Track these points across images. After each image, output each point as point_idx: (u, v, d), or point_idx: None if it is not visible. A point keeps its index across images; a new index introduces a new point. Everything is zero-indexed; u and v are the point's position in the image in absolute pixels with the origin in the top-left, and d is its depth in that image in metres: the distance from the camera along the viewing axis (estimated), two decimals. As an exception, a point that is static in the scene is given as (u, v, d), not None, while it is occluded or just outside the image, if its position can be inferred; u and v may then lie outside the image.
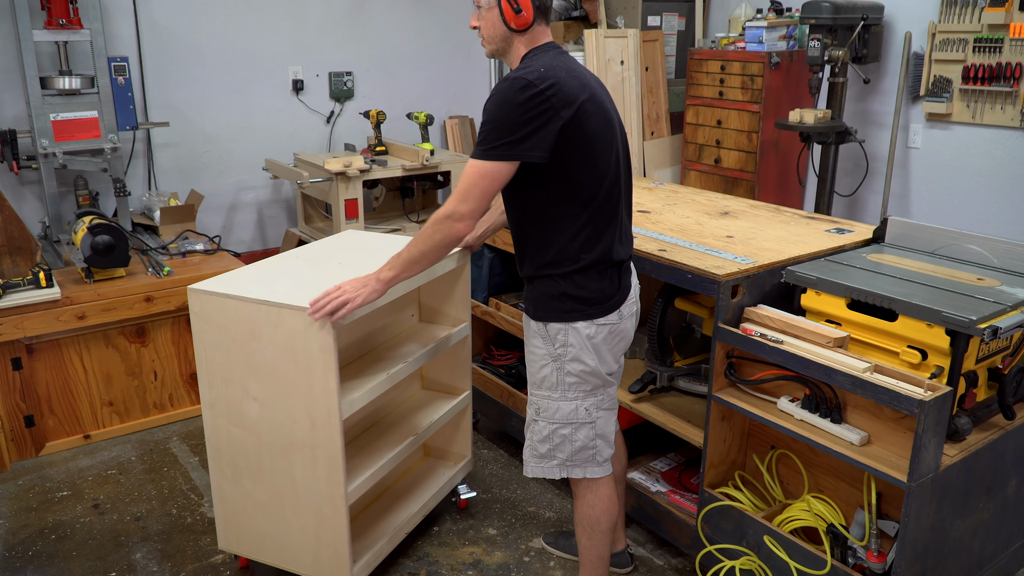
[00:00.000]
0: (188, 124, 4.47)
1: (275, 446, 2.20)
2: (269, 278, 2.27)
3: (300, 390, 2.11)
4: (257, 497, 2.29)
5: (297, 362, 2.09)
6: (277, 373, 2.12)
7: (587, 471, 2.13)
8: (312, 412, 2.12)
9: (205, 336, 2.20)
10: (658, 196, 3.16)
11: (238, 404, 2.21)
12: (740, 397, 2.28)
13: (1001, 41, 3.84)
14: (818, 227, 2.70)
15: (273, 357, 2.11)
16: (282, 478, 2.23)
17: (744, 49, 4.53)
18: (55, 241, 3.75)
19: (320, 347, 2.04)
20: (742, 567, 2.28)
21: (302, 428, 2.15)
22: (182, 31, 4.36)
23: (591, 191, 1.97)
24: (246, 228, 4.82)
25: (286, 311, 2.06)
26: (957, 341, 1.95)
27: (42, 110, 3.57)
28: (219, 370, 2.20)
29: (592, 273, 2.01)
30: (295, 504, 2.24)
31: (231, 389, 2.20)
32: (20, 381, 3.12)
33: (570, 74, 1.92)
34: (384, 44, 5.08)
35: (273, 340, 2.09)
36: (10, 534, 2.73)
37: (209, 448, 2.32)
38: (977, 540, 2.19)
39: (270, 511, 2.28)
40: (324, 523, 2.22)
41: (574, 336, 2.02)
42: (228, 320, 2.14)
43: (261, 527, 2.32)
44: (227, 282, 2.22)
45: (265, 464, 2.24)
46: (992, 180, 4.06)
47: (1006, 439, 2.13)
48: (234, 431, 2.24)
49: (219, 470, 2.32)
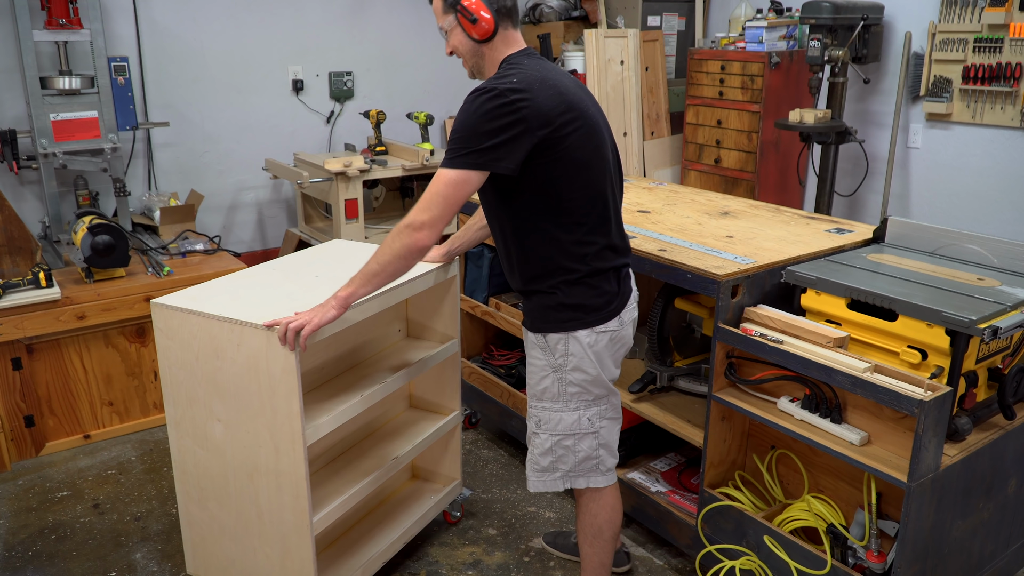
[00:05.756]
0: (188, 124, 4.47)
1: (240, 470, 2.10)
2: (237, 292, 2.17)
3: (264, 413, 2.00)
4: (224, 521, 2.20)
5: (260, 383, 1.97)
6: (241, 394, 2.02)
7: (591, 481, 2.11)
8: (276, 437, 2.01)
9: (169, 353, 2.10)
10: (658, 196, 3.16)
11: (203, 425, 2.12)
12: (740, 397, 2.28)
13: (1001, 41, 3.84)
14: (818, 227, 2.70)
15: (236, 377, 2.00)
16: (247, 503, 2.13)
17: (744, 49, 4.53)
18: (55, 241, 3.75)
19: (283, 368, 1.92)
20: (742, 567, 2.28)
21: (266, 453, 2.04)
22: (182, 31, 4.36)
23: (577, 203, 1.92)
24: (246, 228, 4.82)
25: (248, 329, 1.94)
26: (957, 341, 1.95)
27: (42, 110, 3.57)
28: (183, 388, 2.11)
29: (587, 283, 1.96)
30: (260, 531, 2.14)
31: (195, 409, 2.11)
32: (20, 381, 3.12)
33: (546, 84, 1.85)
34: (384, 44, 5.08)
35: (236, 359, 1.99)
36: (10, 534, 2.73)
37: (176, 469, 2.23)
38: (977, 540, 2.19)
39: (237, 536, 2.19)
40: (290, 553, 2.11)
41: (574, 345, 1.99)
42: (191, 337, 2.04)
43: (228, 552, 2.23)
44: (192, 297, 2.11)
45: (231, 488, 2.14)
46: (992, 180, 4.06)
47: (1006, 439, 2.13)
48: (199, 452, 2.15)
49: (185, 492, 2.24)
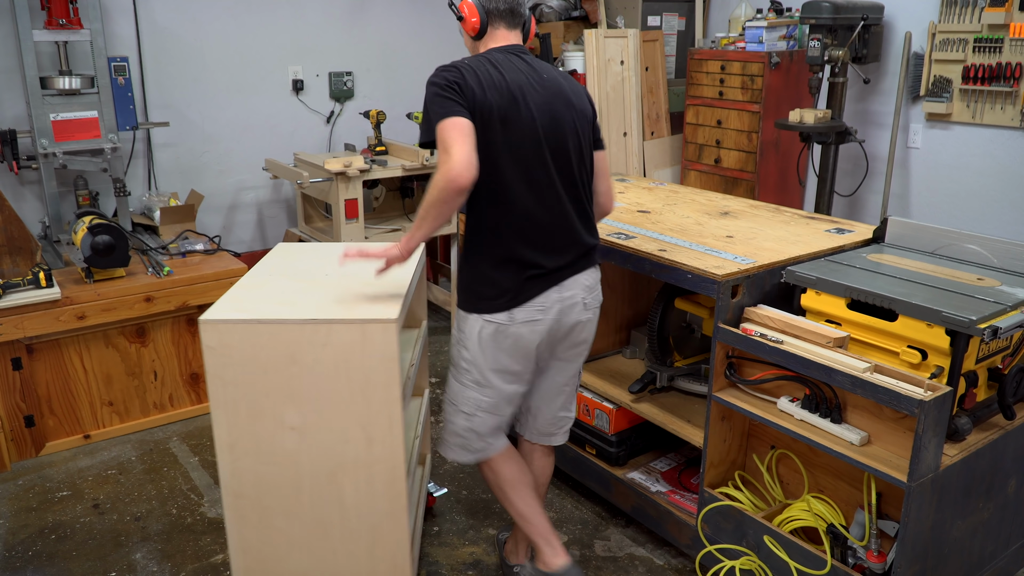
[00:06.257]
0: (188, 124, 4.46)
1: (319, 474, 2.09)
2: (275, 296, 2.12)
3: (354, 406, 2.02)
4: (293, 534, 2.14)
5: (351, 377, 1.99)
6: (323, 394, 2.01)
7: (457, 454, 2.25)
8: (369, 428, 2.03)
9: (225, 371, 1.99)
10: (658, 196, 3.16)
11: (269, 439, 2.05)
12: (740, 397, 2.28)
13: (1001, 41, 3.83)
14: (818, 227, 2.70)
15: (319, 378, 2.00)
16: (328, 506, 2.12)
17: (744, 49, 4.53)
18: (55, 241, 3.75)
19: (382, 357, 1.97)
20: (742, 567, 2.28)
21: (355, 447, 2.05)
22: (182, 31, 4.36)
23: (493, 190, 1.99)
24: (246, 228, 4.82)
25: (336, 327, 1.95)
26: (957, 341, 1.95)
27: (42, 110, 3.56)
28: (243, 406, 2.02)
29: (490, 268, 2.05)
30: (343, 531, 2.14)
31: (259, 424, 2.04)
32: (20, 381, 3.12)
33: (481, 71, 1.96)
34: (384, 44, 5.07)
35: (320, 359, 1.98)
36: (10, 534, 2.73)
37: (226, 496, 2.11)
38: (977, 540, 2.19)
39: (309, 545, 2.16)
40: (381, 540, 2.14)
41: (467, 325, 2.12)
42: (258, 349, 1.97)
43: (297, 567, 2.17)
44: (240, 308, 2.03)
45: (305, 496, 2.11)
46: (992, 180, 4.06)
47: (1006, 439, 2.14)
48: (262, 469, 2.08)
49: (240, 517, 2.12)
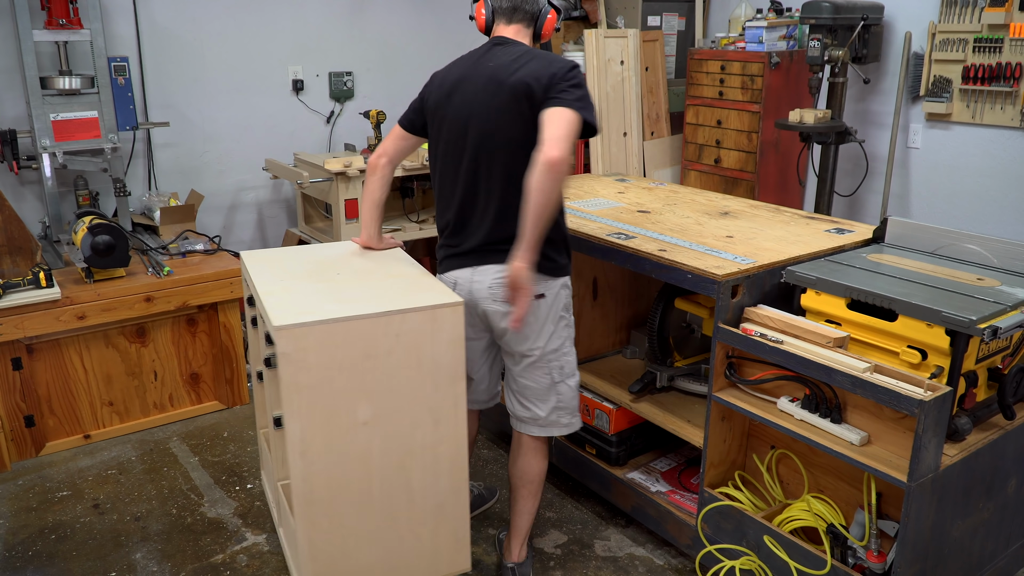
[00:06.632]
0: (188, 124, 4.46)
1: (388, 465, 2.14)
2: (323, 298, 2.13)
3: (423, 391, 2.11)
4: (363, 530, 2.17)
5: (422, 363, 2.08)
6: (395, 384, 2.08)
7: None
8: (435, 410, 2.13)
9: (299, 376, 1.98)
10: (658, 196, 3.16)
11: (341, 438, 2.07)
12: (740, 397, 2.28)
13: (1001, 41, 3.83)
14: (818, 227, 2.70)
15: (392, 369, 2.06)
16: (397, 493, 2.18)
17: (744, 49, 4.53)
18: (55, 241, 3.75)
19: (450, 339, 2.09)
20: (742, 567, 2.28)
21: (423, 431, 2.14)
22: (182, 31, 4.35)
23: (433, 167, 2.31)
24: (246, 228, 4.81)
25: (410, 315, 2.03)
26: (957, 341, 1.95)
27: (42, 110, 3.56)
28: (318, 409, 2.02)
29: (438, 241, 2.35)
30: (410, 515, 2.21)
31: (333, 425, 2.05)
32: (20, 381, 3.12)
33: (441, 77, 2.26)
34: (384, 44, 5.07)
35: (393, 350, 2.04)
36: (10, 534, 2.73)
37: (298, 505, 2.08)
38: (977, 540, 2.19)
39: (379, 536, 2.20)
40: (444, 518, 2.25)
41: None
42: (334, 348, 1.99)
43: (366, 560, 2.20)
44: (304, 312, 2.01)
45: (375, 489, 2.15)
46: (992, 180, 4.06)
47: (1006, 439, 2.14)
48: (334, 470, 2.09)
49: (312, 525, 2.10)
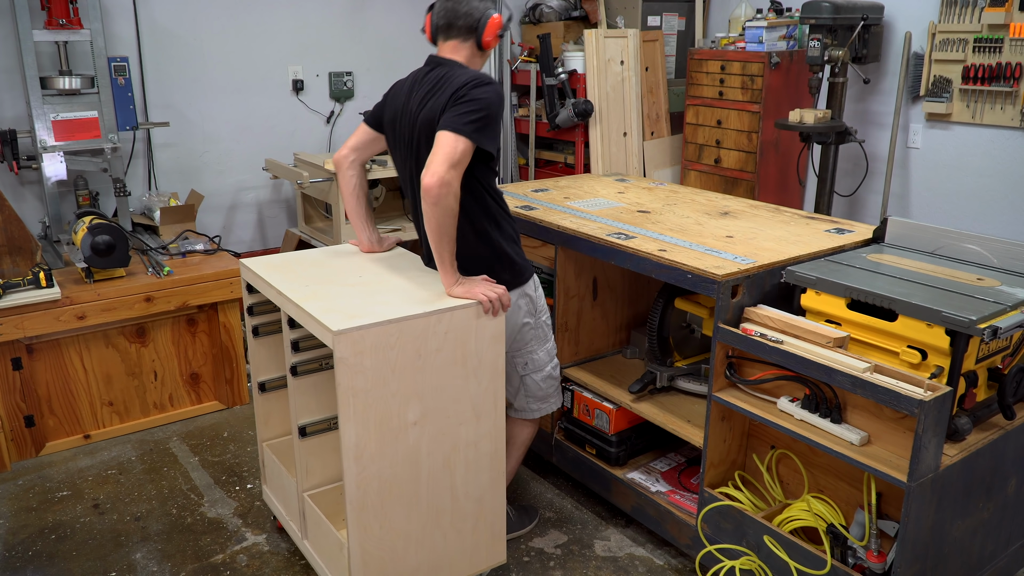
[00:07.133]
0: (188, 124, 4.46)
1: (435, 464, 2.16)
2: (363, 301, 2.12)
3: (467, 387, 2.15)
4: (410, 530, 2.18)
5: (467, 359, 2.13)
6: (442, 381, 2.10)
7: None
8: (478, 405, 2.18)
9: (355, 380, 1.97)
10: (658, 196, 3.16)
11: (392, 440, 2.08)
12: (740, 397, 2.28)
13: (1001, 41, 3.83)
14: (818, 227, 2.70)
15: (440, 366, 2.09)
16: (442, 492, 2.20)
17: (744, 49, 4.53)
18: (55, 241, 3.75)
19: (492, 334, 2.15)
20: (742, 567, 2.28)
21: (467, 427, 2.18)
22: (182, 31, 4.36)
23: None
24: (246, 228, 4.81)
25: (457, 312, 2.08)
26: (957, 341, 1.95)
27: (42, 110, 3.57)
28: (372, 413, 2.02)
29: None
30: (453, 512, 2.24)
31: (385, 428, 2.05)
32: (20, 381, 3.12)
33: (395, 90, 2.35)
34: (384, 44, 5.07)
35: (441, 348, 2.07)
36: (10, 534, 2.73)
37: (351, 511, 2.07)
38: (977, 540, 2.19)
39: (424, 536, 2.21)
40: (484, 511, 2.30)
41: None
42: (389, 348, 1.99)
43: (412, 563, 2.21)
44: (356, 313, 2.01)
45: (422, 489, 2.17)
46: (992, 180, 4.06)
47: (1006, 439, 2.13)
48: (386, 473, 2.09)
49: (364, 531, 2.10)
